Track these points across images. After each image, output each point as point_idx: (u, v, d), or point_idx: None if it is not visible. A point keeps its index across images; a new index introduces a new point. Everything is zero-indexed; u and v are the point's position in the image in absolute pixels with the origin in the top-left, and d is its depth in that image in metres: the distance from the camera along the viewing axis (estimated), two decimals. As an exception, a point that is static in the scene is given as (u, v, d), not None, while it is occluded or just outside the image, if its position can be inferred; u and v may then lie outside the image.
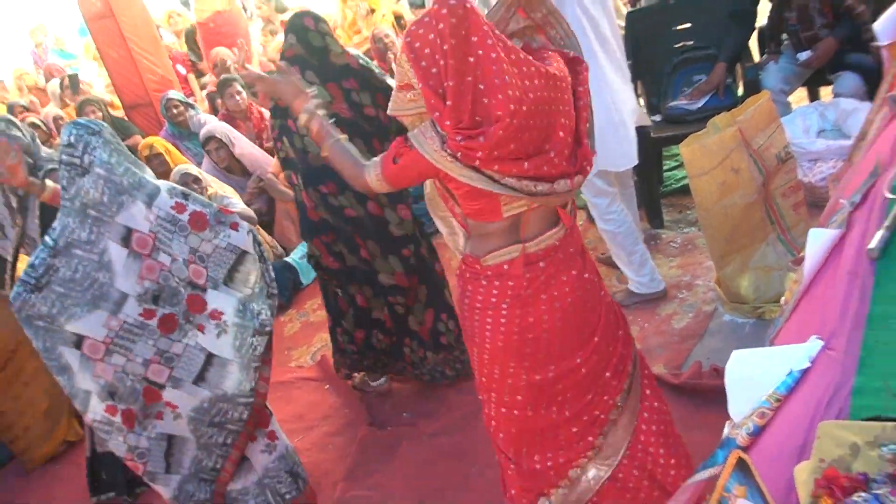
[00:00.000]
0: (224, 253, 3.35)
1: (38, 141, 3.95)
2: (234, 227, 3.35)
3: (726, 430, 2.03)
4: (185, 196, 3.29)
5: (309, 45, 3.82)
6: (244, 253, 3.38)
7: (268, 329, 3.42)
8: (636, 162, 4.12)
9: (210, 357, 3.33)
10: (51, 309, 3.14)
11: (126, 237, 3.17)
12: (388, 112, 2.42)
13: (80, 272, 3.16)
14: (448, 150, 2.23)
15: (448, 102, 2.16)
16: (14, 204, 3.94)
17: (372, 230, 3.97)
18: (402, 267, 4.03)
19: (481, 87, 2.16)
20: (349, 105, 3.85)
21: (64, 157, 3.14)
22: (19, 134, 3.82)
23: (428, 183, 2.64)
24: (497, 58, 2.17)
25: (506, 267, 2.49)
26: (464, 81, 2.15)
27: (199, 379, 3.33)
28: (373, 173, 2.42)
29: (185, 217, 3.27)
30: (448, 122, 2.19)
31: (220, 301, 3.33)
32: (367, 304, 4.14)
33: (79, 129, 3.17)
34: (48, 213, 3.85)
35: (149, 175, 3.31)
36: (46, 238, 3.16)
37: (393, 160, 2.38)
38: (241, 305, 3.37)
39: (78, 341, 3.18)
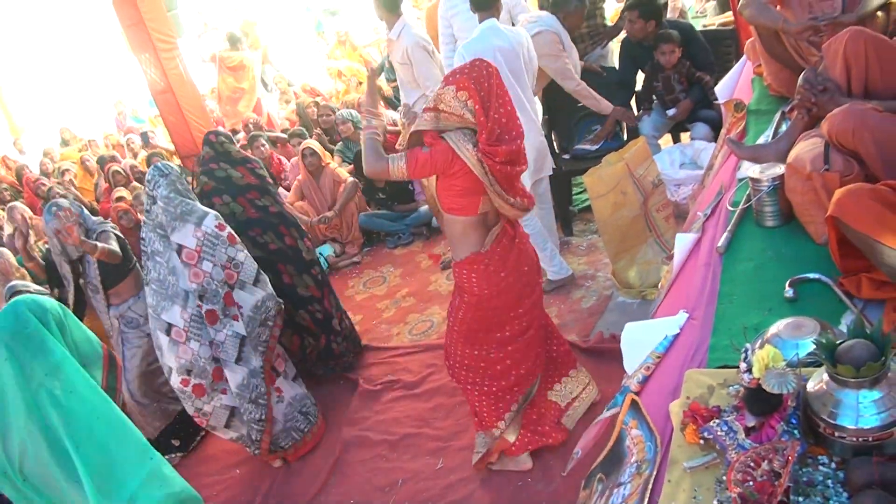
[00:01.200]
0: (249, 261, 3.43)
1: (86, 212, 3.87)
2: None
3: (623, 381, 2.04)
4: (224, 220, 3.43)
5: (215, 177, 3.87)
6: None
7: (269, 323, 3.46)
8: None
9: (244, 339, 3.35)
10: (152, 300, 3.27)
11: (178, 251, 3.23)
12: (415, 128, 2.58)
13: (161, 274, 3.27)
14: (477, 152, 2.47)
15: (488, 122, 2.45)
16: (74, 257, 3.84)
17: (290, 256, 3.96)
18: (313, 282, 4.03)
19: (504, 119, 2.49)
20: (255, 209, 3.88)
21: (147, 188, 3.35)
22: (69, 205, 3.79)
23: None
24: (509, 100, 2.54)
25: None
26: (497, 110, 2.47)
27: (239, 358, 3.34)
28: (396, 164, 2.56)
29: (224, 234, 3.34)
30: (484, 133, 2.45)
31: (243, 297, 3.36)
32: (289, 313, 3.97)
33: (154, 171, 3.38)
34: (105, 266, 3.81)
35: (199, 206, 3.37)
36: (145, 247, 3.33)
37: (422, 148, 2.54)
38: (260, 301, 3.41)
39: (168, 328, 3.25)
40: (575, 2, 4.47)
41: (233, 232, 3.40)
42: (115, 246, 3.78)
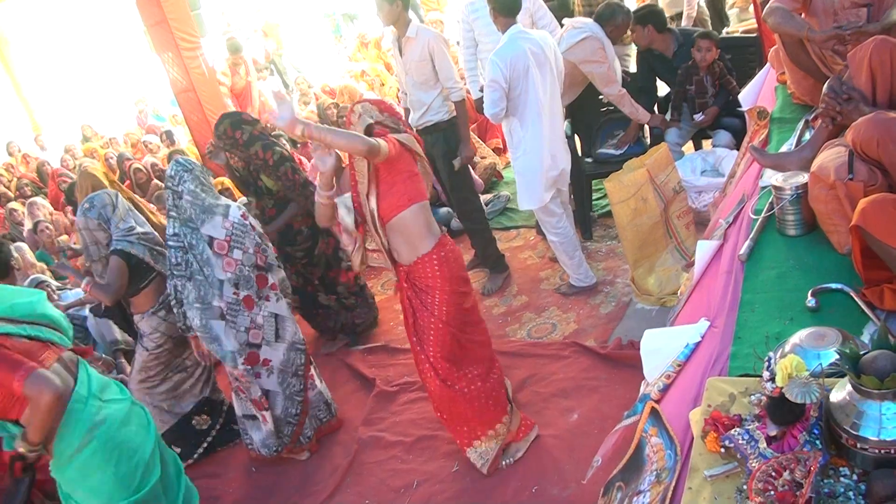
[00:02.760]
0: (271, 246, 3.62)
1: (116, 218, 3.55)
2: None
3: (642, 388, 2.04)
4: (247, 209, 3.55)
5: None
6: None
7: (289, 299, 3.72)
8: (540, 204, 4.11)
9: (276, 317, 3.50)
10: (199, 293, 3.31)
11: (210, 243, 3.33)
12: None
13: (195, 267, 3.33)
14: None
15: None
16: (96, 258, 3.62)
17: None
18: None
19: None
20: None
21: (169, 184, 3.36)
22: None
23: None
24: None
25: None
26: None
27: (277, 336, 3.51)
28: (382, 142, 2.68)
29: (248, 222, 3.48)
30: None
31: (275, 277, 3.53)
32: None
33: (178, 166, 3.40)
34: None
35: (223, 199, 3.47)
36: (172, 242, 3.33)
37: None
38: (282, 277, 3.68)
39: (221, 313, 3.35)
40: (622, 16, 4.54)
41: (254, 221, 3.54)
42: (113, 277, 3.43)
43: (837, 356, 1.39)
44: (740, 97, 3.74)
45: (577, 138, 5.18)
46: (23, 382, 2.24)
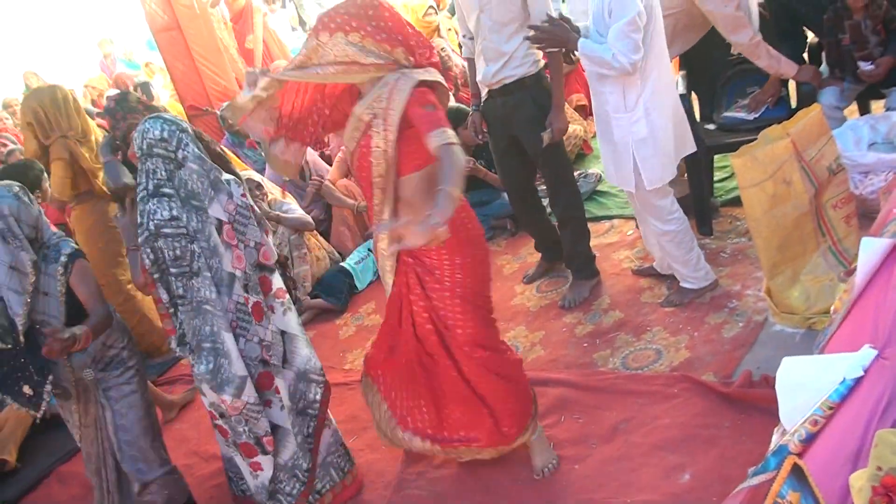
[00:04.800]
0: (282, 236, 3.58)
1: (43, 218, 3.67)
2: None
3: (775, 437, 2.01)
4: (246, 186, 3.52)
5: None
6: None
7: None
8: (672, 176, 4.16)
9: (283, 335, 3.50)
10: (211, 293, 3.28)
11: (219, 228, 3.31)
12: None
13: (202, 261, 3.29)
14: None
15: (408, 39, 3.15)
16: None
17: None
18: None
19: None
20: None
21: (159, 150, 3.26)
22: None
23: None
24: None
25: None
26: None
27: (285, 360, 3.52)
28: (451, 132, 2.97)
29: (251, 202, 3.46)
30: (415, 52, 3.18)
31: (280, 282, 3.52)
32: None
33: (171, 125, 3.31)
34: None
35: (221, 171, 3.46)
36: (167, 230, 3.25)
37: (425, 108, 3.04)
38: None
39: (227, 323, 3.32)
40: None
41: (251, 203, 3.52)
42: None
43: None
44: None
45: (693, 97, 5.14)
46: None
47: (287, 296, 3.57)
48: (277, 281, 3.53)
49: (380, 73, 3.07)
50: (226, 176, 3.41)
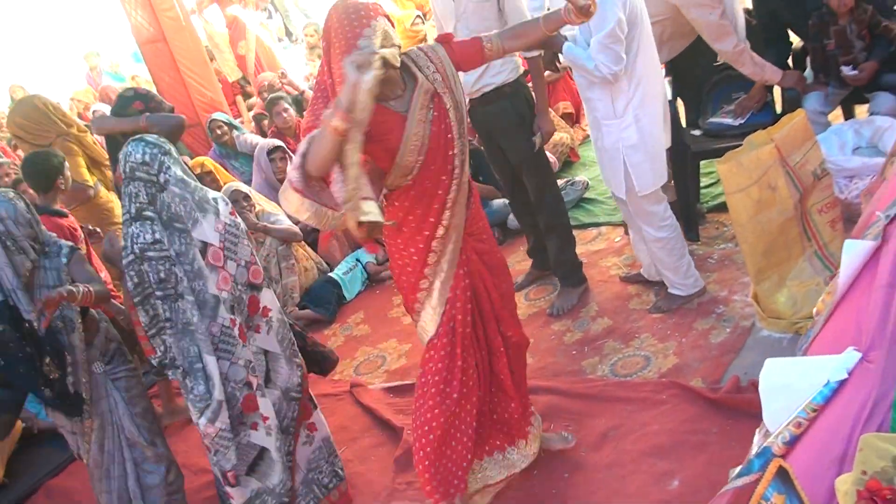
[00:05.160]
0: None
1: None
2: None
3: (757, 438, 2.02)
4: (233, 203, 3.48)
5: None
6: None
7: (284, 318, 3.60)
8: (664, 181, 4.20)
9: (266, 353, 3.45)
10: (192, 316, 3.24)
11: (203, 251, 3.26)
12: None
13: (185, 284, 3.26)
14: None
15: None
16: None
17: None
18: None
19: None
20: None
21: (141, 174, 3.24)
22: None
23: None
24: None
25: None
26: None
27: (267, 380, 3.46)
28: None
29: (240, 221, 3.39)
30: None
31: (269, 299, 3.47)
32: None
33: (152, 148, 3.29)
34: None
35: (207, 190, 3.40)
36: (151, 253, 3.24)
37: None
38: (278, 294, 3.49)
39: (215, 345, 3.28)
40: None
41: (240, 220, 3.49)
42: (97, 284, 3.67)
43: None
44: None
45: (679, 103, 5.16)
46: None
47: (271, 313, 3.51)
48: (266, 298, 3.49)
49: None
50: (212, 194, 3.38)
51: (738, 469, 2.00)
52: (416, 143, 2.94)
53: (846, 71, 4.59)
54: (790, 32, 5.06)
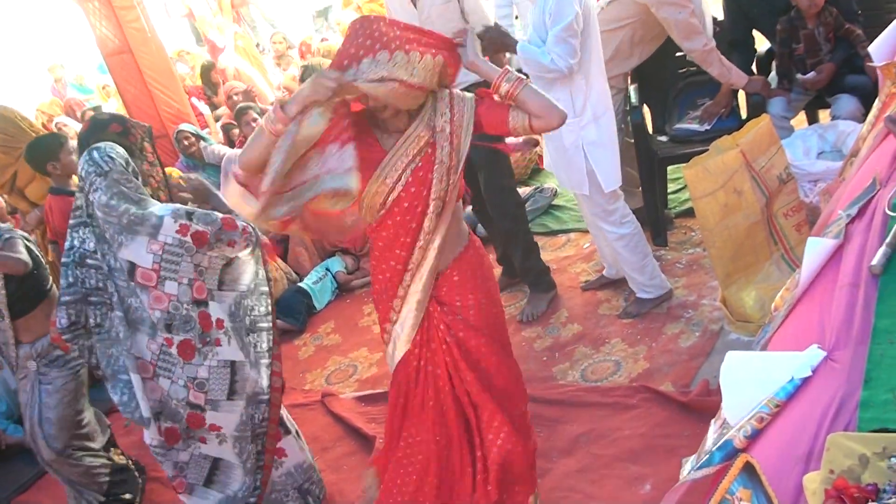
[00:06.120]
0: (214, 260, 3.34)
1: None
2: (232, 244, 3.34)
3: (713, 429, 2.03)
4: (190, 216, 3.26)
5: None
6: (231, 259, 3.41)
7: (260, 325, 3.49)
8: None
9: (233, 365, 3.37)
10: (119, 331, 3.25)
11: (131, 271, 3.21)
12: None
13: (117, 297, 3.25)
14: None
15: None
16: None
17: None
18: None
19: None
20: None
21: (82, 186, 3.27)
22: None
23: None
24: None
25: None
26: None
27: (231, 392, 3.37)
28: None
29: (188, 239, 3.23)
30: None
31: (218, 310, 3.36)
32: None
33: (89, 166, 3.27)
34: (15, 285, 3.87)
35: (154, 207, 3.27)
36: (64, 259, 3.28)
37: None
38: (233, 306, 3.42)
39: (144, 365, 3.27)
40: None
41: (201, 229, 3.27)
42: (22, 254, 3.81)
43: None
44: (870, 50, 3.72)
45: (646, 109, 5.19)
46: None
47: (225, 323, 3.36)
48: (216, 310, 3.36)
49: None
50: (158, 210, 3.25)
51: (691, 459, 2.01)
52: (384, 189, 2.81)
53: (802, 77, 4.66)
54: (755, 38, 5.10)
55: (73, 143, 4.63)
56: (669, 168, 5.16)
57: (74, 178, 4.41)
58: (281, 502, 3.65)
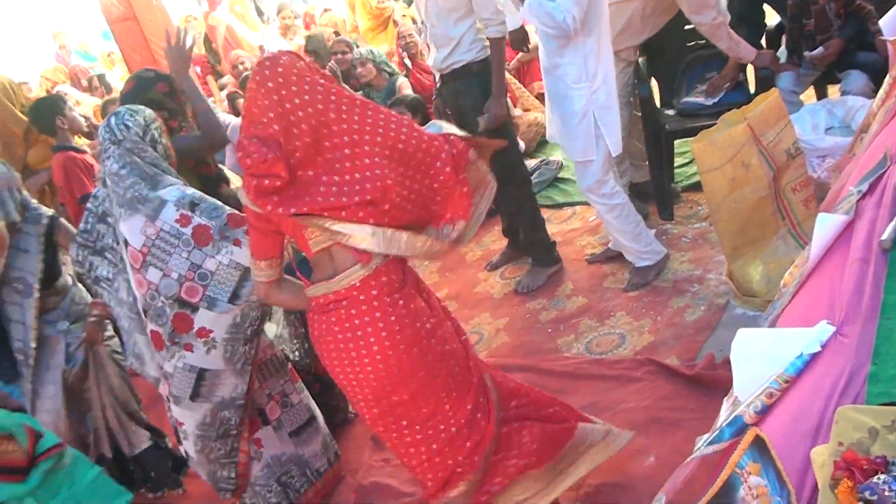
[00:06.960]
0: (228, 271, 3.12)
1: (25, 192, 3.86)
2: (238, 243, 3.11)
3: (725, 406, 2.03)
4: (193, 207, 3.13)
5: None
6: (248, 269, 3.06)
7: (258, 331, 3.31)
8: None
9: (202, 372, 3.21)
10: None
11: (125, 245, 3.16)
12: None
13: (112, 272, 3.31)
14: None
15: None
16: None
17: None
18: None
19: None
20: None
21: (101, 155, 3.27)
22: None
23: None
24: None
25: None
26: None
27: (195, 395, 3.25)
28: None
29: (188, 231, 3.10)
30: None
31: (211, 320, 3.14)
32: None
33: (105, 132, 3.23)
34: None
35: (163, 190, 3.15)
36: (89, 205, 3.32)
37: None
38: (239, 317, 3.18)
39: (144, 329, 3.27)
40: None
41: (204, 223, 3.13)
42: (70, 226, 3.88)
43: None
44: (881, 24, 3.69)
45: (653, 83, 5.18)
46: None
47: (213, 335, 3.16)
48: (204, 320, 3.14)
49: None
50: (165, 194, 3.14)
51: (704, 437, 2.02)
52: None
53: (810, 54, 4.64)
54: (765, 12, 5.08)
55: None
56: (676, 142, 5.15)
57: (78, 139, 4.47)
58: (265, 496, 3.58)
